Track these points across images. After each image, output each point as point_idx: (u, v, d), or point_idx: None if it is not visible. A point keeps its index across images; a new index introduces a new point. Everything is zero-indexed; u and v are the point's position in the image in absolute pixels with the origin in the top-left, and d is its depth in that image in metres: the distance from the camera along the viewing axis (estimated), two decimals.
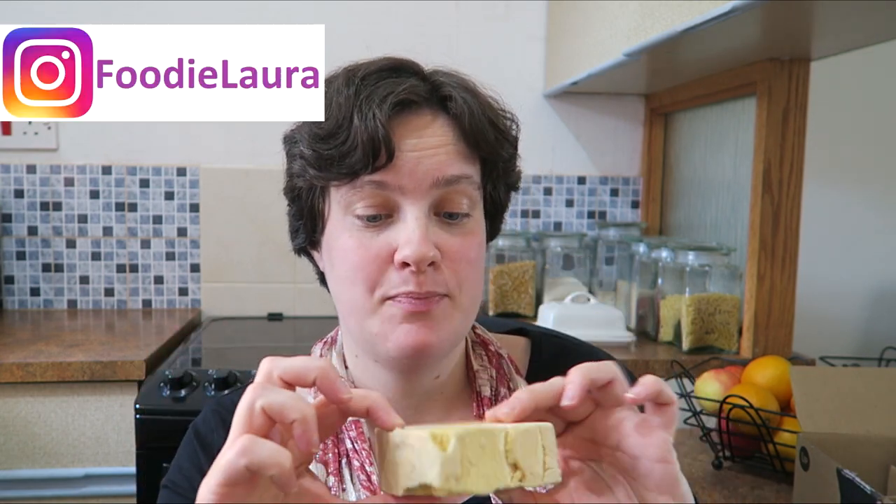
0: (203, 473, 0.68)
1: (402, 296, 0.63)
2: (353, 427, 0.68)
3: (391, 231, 0.64)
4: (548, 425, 0.50)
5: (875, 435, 0.92)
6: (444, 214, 0.66)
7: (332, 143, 0.64)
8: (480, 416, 0.69)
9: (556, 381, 0.51)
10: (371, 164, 0.63)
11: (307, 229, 0.72)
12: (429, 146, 0.65)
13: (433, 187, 0.64)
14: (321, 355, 0.75)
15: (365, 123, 0.62)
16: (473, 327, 0.77)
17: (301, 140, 0.67)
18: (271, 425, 0.46)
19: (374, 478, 0.66)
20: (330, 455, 0.67)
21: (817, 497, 0.88)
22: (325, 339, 0.77)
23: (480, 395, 0.72)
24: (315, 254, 0.73)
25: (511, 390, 0.72)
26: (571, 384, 0.50)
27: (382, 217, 0.65)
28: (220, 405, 0.74)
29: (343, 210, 0.66)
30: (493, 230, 0.75)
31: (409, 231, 0.63)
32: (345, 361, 0.73)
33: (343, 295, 0.68)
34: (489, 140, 0.67)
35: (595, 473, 0.53)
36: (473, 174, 0.67)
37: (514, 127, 0.72)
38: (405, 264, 0.63)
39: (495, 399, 0.72)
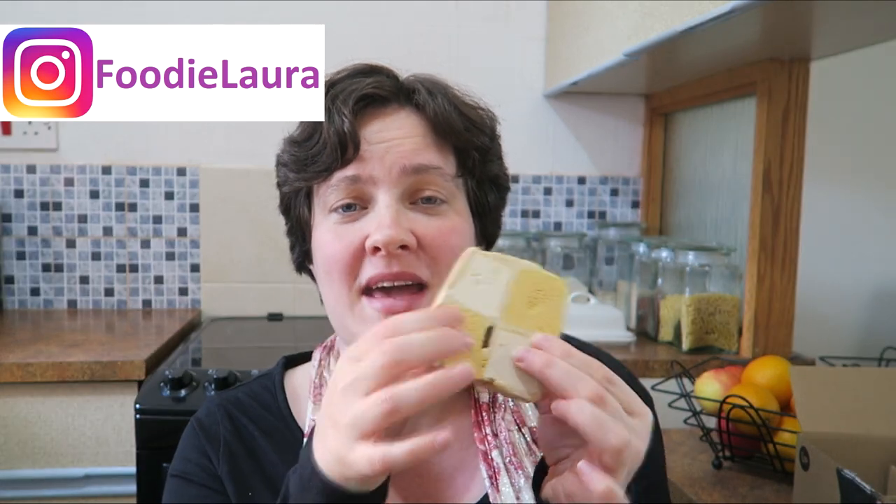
0: (212, 463, 0.69)
1: (375, 286, 0.65)
2: None
3: (365, 221, 0.66)
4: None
5: (875, 435, 0.92)
6: (421, 200, 0.67)
7: (307, 145, 0.67)
8: (479, 423, 0.70)
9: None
10: (340, 158, 0.65)
11: (299, 241, 0.74)
12: (395, 136, 0.67)
13: (402, 175, 0.66)
14: (321, 360, 0.75)
15: (332, 121, 0.65)
16: None
17: (283, 150, 0.71)
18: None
19: None
20: None
21: (817, 497, 0.88)
22: (324, 344, 0.77)
23: (479, 402, 0.71)
24: (311, 267, 0.74)
25: None
26: (557, 407, 0.51)
27: (357, 208, 0.67)
28: (225, 400, 0.74)
29: (323, 210, 0.68)
30: (485, 233, 0.74)
31: (381, 217, 0.64)
32: None
33: (326, 292, 0.69)
34: (457, 128, 0.68)
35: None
36: (444, 166, 0.68)
37: (488, 120, 0.72)
38: (377, 249, 0.64)
39: (493, 405, 0.71)
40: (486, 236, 0.74)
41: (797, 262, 1.56)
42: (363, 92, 0.66)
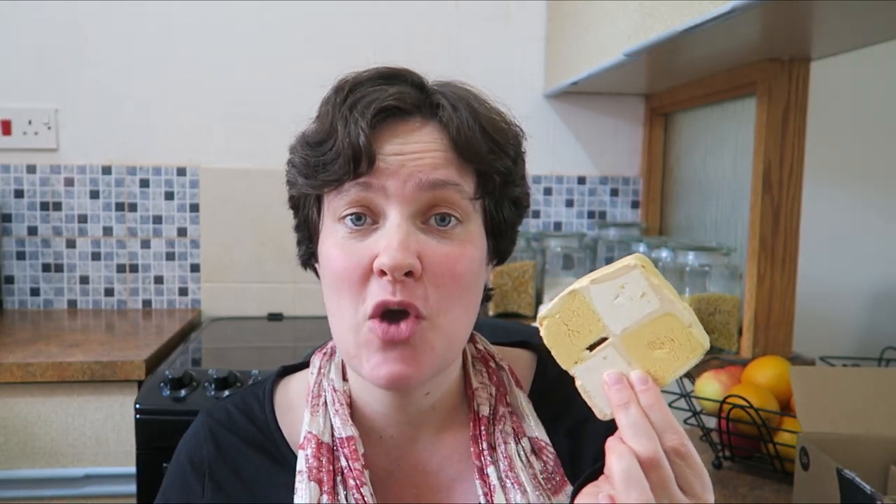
0: (192, 500, 0.69)
1: (377, 318, 0.61)
2: (347, 444, 0.66)
3: (374, 238, 0.63)
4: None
5: (875, 435, 0.92)
6: (434, 219, 0.63)
7: (319, 150, 0.64)
8: (477, 437, 0.69)
9: None
10: (353, 170, 0.62)
11: (306, 240, 0.72)
12: (413, 150, 0.63)
13: (417, 190, 0.62)
14: (320, 367, 0.73)
15: (348, 131, 0.62)
16: (475, 341, 0.76)
17: (295, 149, 0.67)
18: None
19: (367, 499, 0.64)
20: (324, 474, 0.65)
21: (817, 497, 0.88)
22: (324, 350, 0.76)
23: (479, 415, 0.70)
24: (317, 266, 0.72)
25: (509, 405, 0.71)
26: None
27: (367, 221, 0.63)
28: (211, 418, 0.73)
29: (332, 218, 0.65)
30: (499, 251, 0.72)
31: (389, 237, 0.61)
32: (343, 374, 0.72)
33: (331, 305, 0.66)
34: (480, 151, 0.64)
35: None
36: (463, 184, 0.64)
37: (513, 139, 0.68)
38: (383, 272, 0.61)
39: (493, 417, 0.70)
40: (500, 252, 0.72)
41: (797, 262, 1.56)
42: (384, 104, 0.63)
